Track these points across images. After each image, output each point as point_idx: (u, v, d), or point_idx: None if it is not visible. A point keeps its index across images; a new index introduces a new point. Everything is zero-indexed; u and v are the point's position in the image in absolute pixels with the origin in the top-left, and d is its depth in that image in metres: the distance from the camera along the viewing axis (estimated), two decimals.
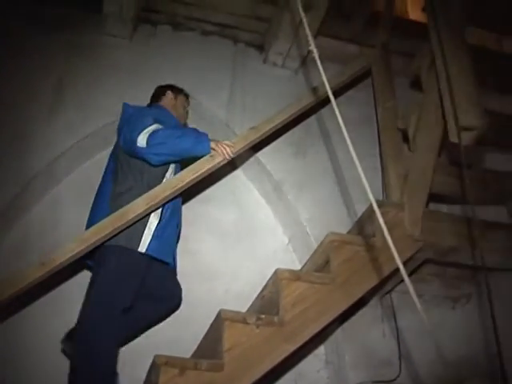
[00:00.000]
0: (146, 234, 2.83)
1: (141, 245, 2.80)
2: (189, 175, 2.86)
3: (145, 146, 2.80)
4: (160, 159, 2.86)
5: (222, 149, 2.89)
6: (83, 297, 2.78)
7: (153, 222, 2.87)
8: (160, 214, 2.92)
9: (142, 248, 2.80)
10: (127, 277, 2.79)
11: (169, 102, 3.34)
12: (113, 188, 2.93)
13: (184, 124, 3.46)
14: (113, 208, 2.77)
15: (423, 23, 3.18)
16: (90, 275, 2.91)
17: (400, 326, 3.47)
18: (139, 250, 2.79)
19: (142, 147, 2.81)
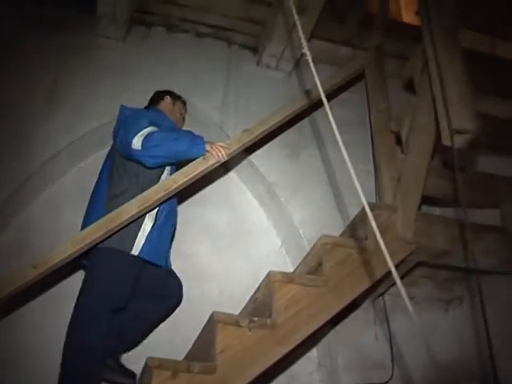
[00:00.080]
0: (140, 237, 2.83)
1: (134, 247, 2.80)
2: (182, 177, 2.85)
3: (140, 149, 2.80)
4: (155, 162, 2.86)
5: (217, 151, 2.89)
6: None
7: (147, 224, 2.87)
8: (155, 216, 2.91)
9: (135, 251, 2.80)
10: (119, 279, 2.79)
11: (166, 107, 3.36)
12: (108, 189, 2.93)
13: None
14: (108, 209, 2.77)
15: (417, 26, 3.19)
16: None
17: (392, 329, 3.47)
18: (132, 253, 2.79)
19: (137, 149, 2.81)
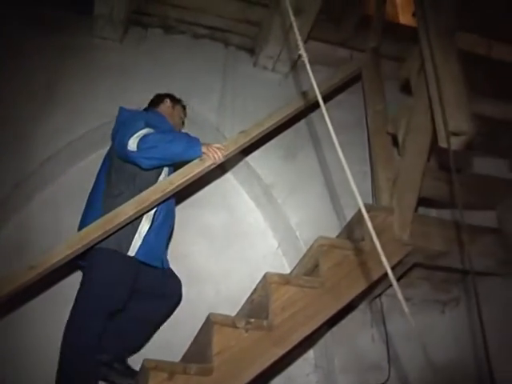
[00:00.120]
0: (137, 238, 2.83)
1: (130, 249, 2.81)
2: (178, 178, 2.85)
3: (135, 150, 2.80)
4: (151, 163, 2.86)
5: (214, 153, 2.89)
6: None
7: (144, 226, 2.88)
8: (152, 218, 2.92)
9: (132, 252, 2.81)
10: (115, 280, 2.79)
11: (166, 110, 3.36)
12: (106, 190, 2.94)
13: None
14: (105, 210, 2.77)
15: (413, 27, 3.19)
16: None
17: (389, 330, 3.47)
18: (128, 254, 2.79)
19: (133, 151, 2.81)
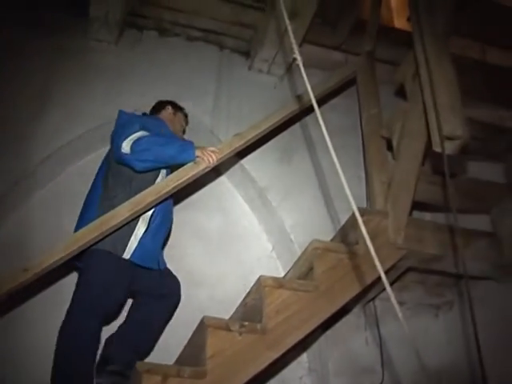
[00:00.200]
0: (132, 241, 2.83)
1: (126, 251, 2.80)
2: (173, 181, 2.85)
3: (129, 153, 2.80)
4: (145, 166, 2.85)
5: (208, 156, 2.89)
6: None
7: (140, 228, 2.87)
8: (149, 220, 2.91)
9: (127, 254, 2.80)
10: (111, 282, 2.77)
11: (167, 116, 3.37)
12: (102, 192, 2.93)
13: None
14: (101, 212, 2.76)
15: (408, 32, 3.20)
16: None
17: (383, 334, 3.47)
18: (124, 257, 2.79)
19: (126, 153, 2.81)
